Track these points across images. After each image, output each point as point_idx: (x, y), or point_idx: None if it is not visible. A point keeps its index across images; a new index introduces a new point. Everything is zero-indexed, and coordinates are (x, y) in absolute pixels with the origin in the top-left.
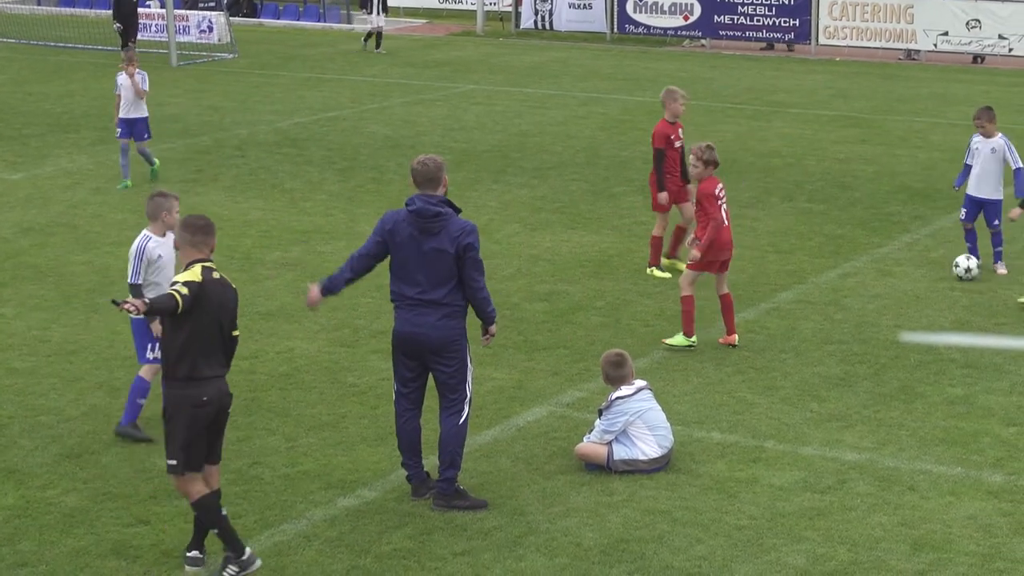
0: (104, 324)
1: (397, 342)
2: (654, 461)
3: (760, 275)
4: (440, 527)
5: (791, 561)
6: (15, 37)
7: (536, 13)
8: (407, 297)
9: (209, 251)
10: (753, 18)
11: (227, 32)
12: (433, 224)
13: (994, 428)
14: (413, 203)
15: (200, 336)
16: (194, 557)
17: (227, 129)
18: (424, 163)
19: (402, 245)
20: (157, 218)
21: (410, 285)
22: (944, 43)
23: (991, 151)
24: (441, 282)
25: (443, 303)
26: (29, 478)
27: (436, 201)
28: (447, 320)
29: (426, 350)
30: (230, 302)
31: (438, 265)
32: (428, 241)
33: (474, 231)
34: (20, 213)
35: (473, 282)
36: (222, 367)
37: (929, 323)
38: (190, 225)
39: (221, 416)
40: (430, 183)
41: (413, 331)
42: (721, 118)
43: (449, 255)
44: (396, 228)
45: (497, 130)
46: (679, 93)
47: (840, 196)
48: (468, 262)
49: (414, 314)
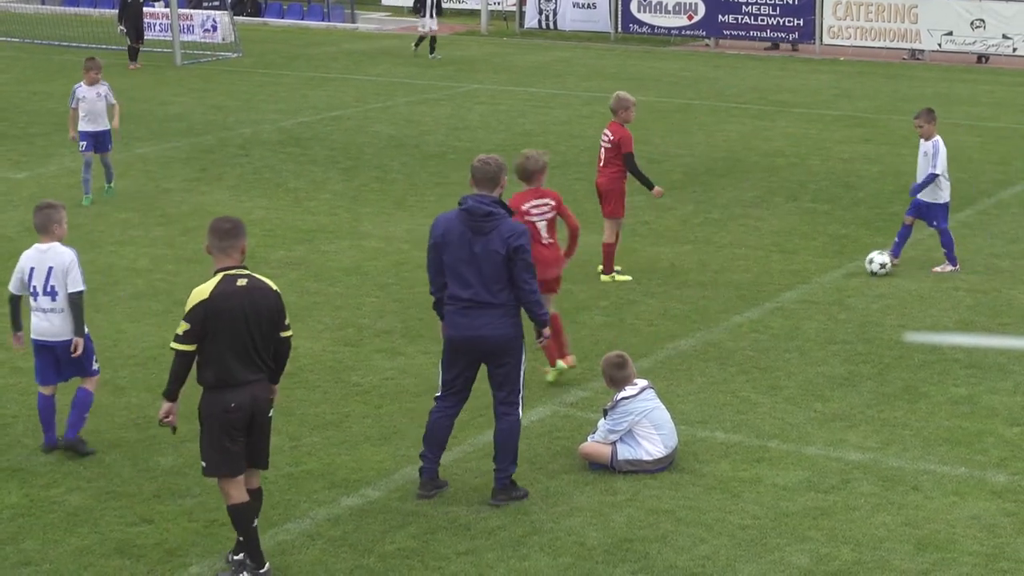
0: (108, 323)
1: (453, 345)
2: (658, 461)
3: (764, 275)
4: (444, 526)
5: (795, 561)
6: (19, 36)
7: (540, 12)
8: (461, 299)
9: (240, 254)
10: (757, 18)
11: (231, 31)
12: (485, 224)
13: (998, 428)
14: (465, 202)
15: (224, 345)
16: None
17: (231, 128)
18: (485, 162)
19: (454, 245)
20: (48, 231)
21: (463, 287)
22: (948, 43)
23: (923, 154)
24: (493, 283)
25: (497, 304)
26: (33, 477)
27: (489, 201)
28: (503, 320)
29: (484, 351)
30: (262, 307)
31: (489, 266)
32: (479, 241)
33: (525, 233)
34: (24, 212)
35: (524, 284)
36: (258, 371)
37: (933, 323)
38: (217, 230)
39: (259, 419)
40: (488, 183)
41: (470, 334)
42: (725, 118)
43: (500, 256)
44: (448, 228)
45: (501, 129)
46: (632, 100)
47: (844, 196)
48: (519, 264)
49: (469, 317)
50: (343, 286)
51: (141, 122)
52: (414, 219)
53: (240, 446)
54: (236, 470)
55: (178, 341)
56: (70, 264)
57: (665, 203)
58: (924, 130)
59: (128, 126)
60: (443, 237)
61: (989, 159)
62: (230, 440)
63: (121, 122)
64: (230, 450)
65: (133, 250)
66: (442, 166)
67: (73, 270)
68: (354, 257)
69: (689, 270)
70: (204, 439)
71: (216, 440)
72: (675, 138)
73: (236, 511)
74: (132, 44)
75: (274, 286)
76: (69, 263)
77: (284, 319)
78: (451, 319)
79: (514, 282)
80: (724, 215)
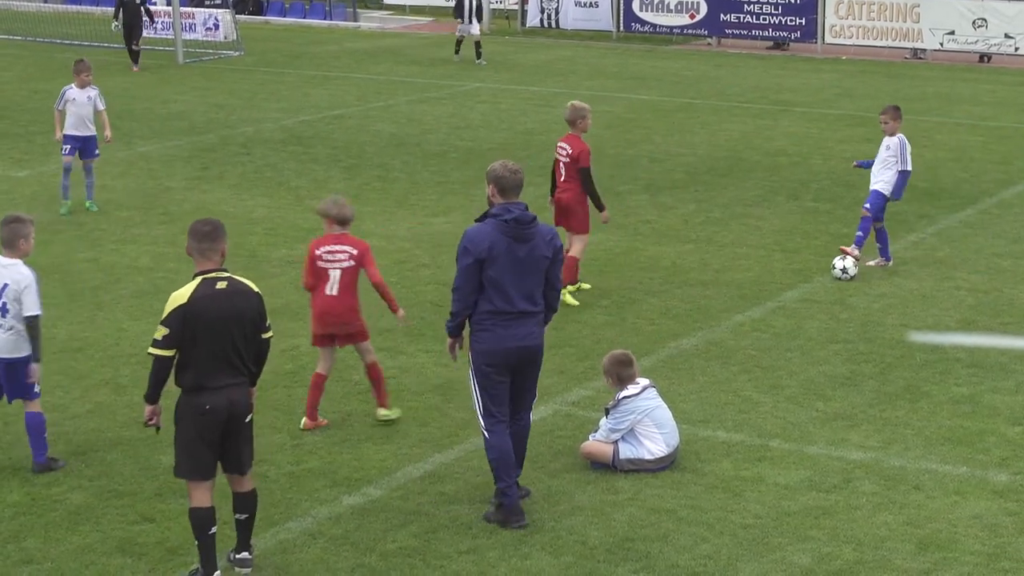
0: (109, 321)
1: (499, 358)
2: (660, 460)
3: (766, 274)
4: (445, 525)
5: (796, 560)
6: (22, 34)
7: (542, 11)
8: (503, 312)
9: (220, 256)
10: (759, 16)
11: (233, 30)
12: (530, 231)
13: (999, 427)
14: (509, 212)
15: (203, 350)
16: (244, 559)
17: (233, 127)
18: (515, 171)
19: (499, 259)
20: (14, 245)
21: (505, 299)
22: (950, 42)
23: (885, 147)
24: (536, 288)
25: (537, 311)
26: (34, 475)
27: (525, 207)
28: (540, 327)
29: (525, 361)
30: (243, 310)
31: (533, 272)
32: (522, 249)
33: (557, 233)
34: (25, 210)
35: (558, 282)
36: (237, 375)
37: (935, 322)
38: (196, 232)
39: (234, 425)
40: (517, 190)
41: (518, 345)
42: (727, 117)
43: (546, 259)
44: (493, 243)
45: (503, 128)
46: (588, 109)
47: (846, 195)
48: (558, 263)
49: (515, 327)
50: None
51: (143, 120)
52: (415, 218)
53: (213, 451)
54: (205, 474)
55: (156, 346)
56: (27, 287)
57: (667, 202)
58: (889, 127)
59: (130, 124)
60: (490, 251)
61: (991, 159)
62: (203, 443)
63: (123, 121)
64: (202, 453)
65: (135, 248)
66: (444, 165)
67: (30, 293)
68: None
69: (691, 269)
70: (177, 439)
71: (189, 442)
72: (677, 137)
73: (194, 515)
74: (130, 47)
75: (255, 287)
76: (26, 286)
77: (265, 320)
78: (493, 333)
79: (549, 280)
80: (726, 214)
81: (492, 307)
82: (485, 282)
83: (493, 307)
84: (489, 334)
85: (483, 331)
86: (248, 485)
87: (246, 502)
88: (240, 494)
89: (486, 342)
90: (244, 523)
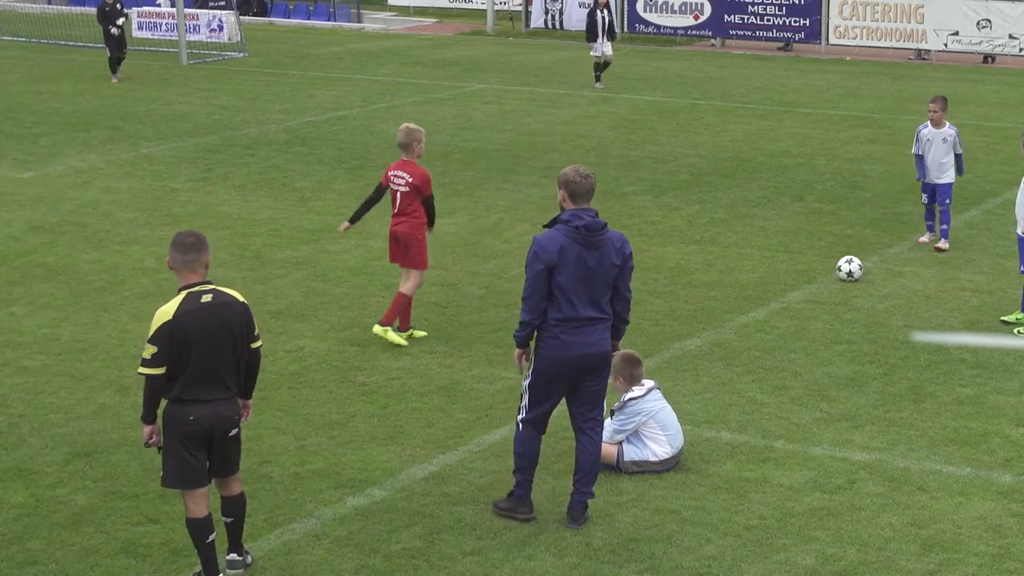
0: (114, 322)
1: (560, 368)
2: (664, 462)
3: (770, 274)
4: (449, 526)
5: (801, 561)
6: (26, 36)
7: (546, 12)
8: (571, 319)
9: (204, 268)
10: (763, 17)
11: (237, 31)
12: (600, 237)
13: (1004, 428)
14: (580, 218)
15: (189, 365)
16: (232, 560)
17: (237, 128)
18: (587, 176)
19: (570, 266)
20: None
21: (572, 306)
22: (954, 43)
23: (943, 140)
24: (603, 295)
25: (604, 318)
26: (39, 477)
27: (595, 213)
28: (607, 334)
29: (590, 368)
30: (231, 323)
31: (602, 279)
32: (593, 256)
33: (628, 241)
34: (30, 212)
35: (627, 291)
36: (225, 390)
37: (939, 323)
38: (180, 244)
39: (220, 438)
40: (588, 195)
41: (583, 352)
42: (731, 118)
43: (615, 266)
44: (564, 250)
45: (507, 129)
46: (423, 132)
47: (850, 196)
48: (628, 271)
49: (581, 335)
50: (349, 286)
51: (147, 122)
52: None
53: (200, 460)
54: (194, 483)
55: (146, 365)
56: None
57: (671, 203)
58: (938, 116)
59: (134, 126)
60: (559, 257)
61: (995, 159)
62: (188, 452)
63: (127, 123)
64: (188, 463)
65: (139, 250)
66: (448, 166)
67: None
68: (360, 257)
69: (695, 270)
70: (165, 448)
71: (174, 451)
72: (681, 138)
73: (191, 524)
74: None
75: (241, 298)
76: None
77: (254, 330)
78: (559, 340)
79: (618, 288)
80: (730, 215)
81: (560, 315)
82: (554, 289)
83: (561, 315)
84: (556, 341)
85: (551, 338)
86: (236, 488)
87: (233, 506)
88: (227, 498)
89: (552, 348)
90: (231, 526)
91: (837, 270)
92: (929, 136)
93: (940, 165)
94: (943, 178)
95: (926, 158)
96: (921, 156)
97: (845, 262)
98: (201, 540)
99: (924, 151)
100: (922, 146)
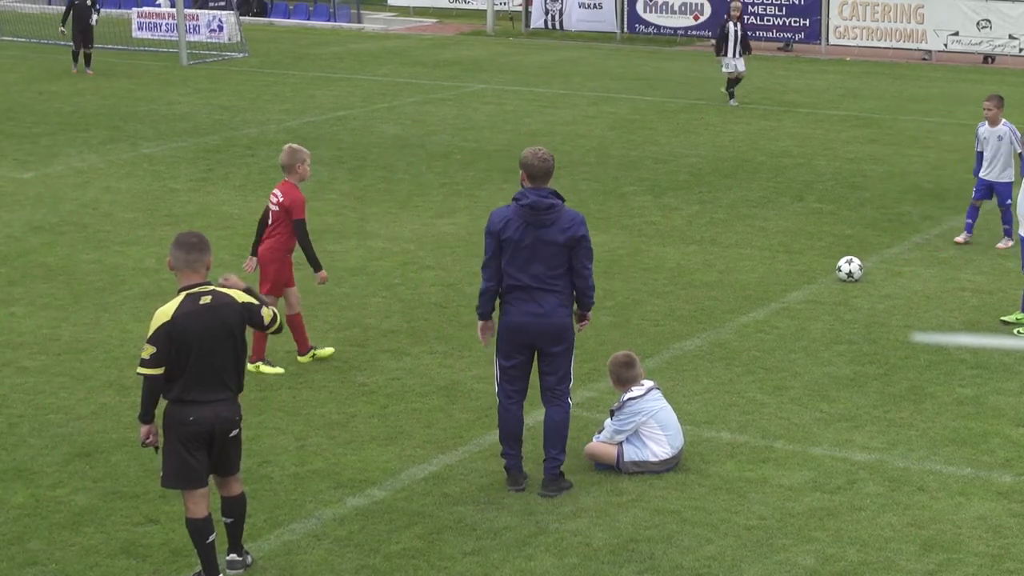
0: (114, 323)
1: (511, 331)
2: (664, 462)
3: (770, 275)
4: (450, 526)
5: (801, 561)
6: (25, 36)
7: (546, 13)
8: (518, 287)
9: (206, 269)
10: (763, 18)
11: (237, 31)
12: (547, 217)
13: (1004, 429)
14: (525, 197)
15: (188, 366)
16: (232, 560)
17: (237, 128)
18: (544, 159)
19: (515, 239)
20: None
21: (525, 275)
22: (954, 43)
23: (998, 138)
24: (555, 270)
25: (557, 291)
26: (39, 477)
27: (547, 194)
28: (562, 308)
29: (542, 337)
30: (232, 324)
31: (551, 255)
32: (540, 233)
33: (584, 222)
34: (30, 212)
35: (584, 269)
36: (224, 391)
37: (939, 323)
38: (184, 243)
39: (220, 439)
40: (546, 177)
41: (531, 319)
42: (732, 118)
43: (561, 246)
44: (507, 224)
45: (507, 129)
46: (307, 153)
47: (850, 196)
48: (582, 251)
49: (531, 304)
50: (349, 286)
51: (147, 122)
52: (420, 219)
53: (199, 460)
54: (193, 484)
55: (144, 365)
56: None
57: (671, 203)
58: (993, 114)
59: (134, 126)
60: (504, 229)
61: None
62: (187, 453)
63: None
64: (187, 463)
65: (139, 250)
66: (448, 166)
67: None
68: (360, 257)
69: (695, 270)
70: (165, 448)
71: (174, 451)
72: (681, 138)
73: (190, 525)
74: (76, 48)
75: (240, 298)
76: None
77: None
78: (510, 305)
79: (574, 268)
80: (730, 215)
81: (510, 282)
82: (505, 259)
83: (511, 281)
84: (509, 307)
85: (505, 304)
86: (236, 489)
87: (233, 506)
88: (227, 498)
89: (505, 314)
90: (231, 527)
91: (837, 270)
92: (986, 134)
93: (997, 163)
94: (1002, 177)
95: (985, 155)
96: (981, 153)
97: (845, 262)
98: (201, 540)
99: (984, 148)
100: (981, 143)
